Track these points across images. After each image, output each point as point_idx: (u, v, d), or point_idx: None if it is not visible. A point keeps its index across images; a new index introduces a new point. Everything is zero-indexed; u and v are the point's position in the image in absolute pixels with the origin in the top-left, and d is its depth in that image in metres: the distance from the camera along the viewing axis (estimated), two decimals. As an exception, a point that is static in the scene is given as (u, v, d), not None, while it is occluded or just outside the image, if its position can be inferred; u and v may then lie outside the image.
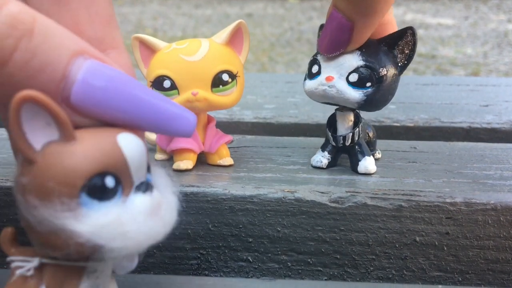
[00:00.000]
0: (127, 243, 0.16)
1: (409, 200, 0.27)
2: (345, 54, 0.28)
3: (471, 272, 0.27)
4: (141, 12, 3.66)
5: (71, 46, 0.16)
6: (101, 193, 0.16)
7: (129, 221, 0.16)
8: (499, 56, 2.25)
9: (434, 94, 0.52)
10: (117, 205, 0.16)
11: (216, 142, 0.31)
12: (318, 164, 0.31)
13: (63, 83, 0.16)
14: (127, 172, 0.17)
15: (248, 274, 0.28)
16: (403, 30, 0.28)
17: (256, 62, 2.11)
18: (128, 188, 0.17)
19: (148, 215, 0.17)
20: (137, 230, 0.16)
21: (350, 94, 0.27)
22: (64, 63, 0.16)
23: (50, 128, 0.16)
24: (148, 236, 0.17)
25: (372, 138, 0.32)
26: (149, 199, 0.17)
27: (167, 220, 0.18)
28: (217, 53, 0.29)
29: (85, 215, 0.15)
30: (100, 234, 0.16)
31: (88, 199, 0.16)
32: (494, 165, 0.32)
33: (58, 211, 0.15)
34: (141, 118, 0.17)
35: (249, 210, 0.27)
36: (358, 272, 0.28)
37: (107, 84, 0.16)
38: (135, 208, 0.17)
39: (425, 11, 3.59)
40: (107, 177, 0.16)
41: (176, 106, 0.18)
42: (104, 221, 0.16)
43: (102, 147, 0.16)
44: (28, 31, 0.15)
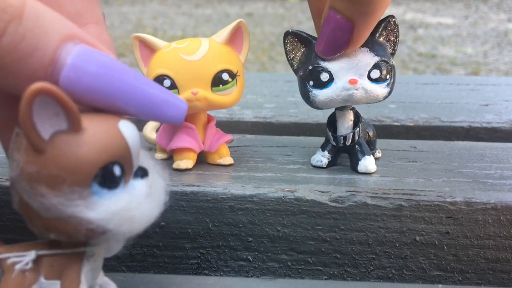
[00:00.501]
0: (133, 226, 0.17)
1: (409, 200, 0.27)
2: (355, 53, 0.28)
3: (471, 272, 0.27)
4: (141, 11, 3.66)
5: (61, 31, 0.16)
6: (110, 182, 0.16)
7: (134, 206, 0.17)
8: (499, 55, 2.25)
9: (434, 93, 0.52)
10: (124, 192, 0.17)
11: (216, 142, 0.31)
12: (318, 164, 0.31)
13: (52, 67, 0.16)
14: (130, 159, 0.17)
15: (248, 273, 0.28)
16: (386, 19, 0.28)
17: (256, 62, 2.11)
18: (129, 175, 0.17)
19: (147, 198, 0.18)
20: (141, 214, 0.17)
21: (378, 91, 0.28)
22: (53, 48, 0.16)
23: (58, 119, 0.16)
24: (148, 219, 0.18)
25: (372, 138, 0.32)
26: (146, 183, 0.18)
27: (160, 201, 0.19)
28: (217, 53, 0.29)
29: (96, 203, 0.16)
30: (111, 220, 0.16)
31: (98, 188, 0.16)
32: (494, 164, 0.32)
33: (69, 200, 0.16)
34: (131, 104, 0.17)
35: (249, 210, 0.27)
36: (358, 271, 0.28)
37: (96, 69, 0.16)
38: (138, 193, 0.17)
39: (425, 10, 3.59)
40: (115, 166, 0.16)
41: (167, 93, 0.18)
42: (116, 208, 0.16)
43: (110, 137, 0.16)
44: (17, 15, 0.15)
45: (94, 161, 0.16)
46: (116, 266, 0.29)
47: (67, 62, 0.16)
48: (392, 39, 0.29)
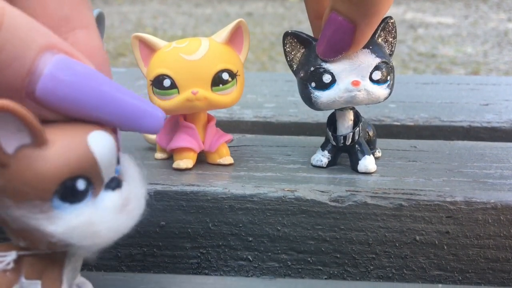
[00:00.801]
0: (98, 240, 0.17)
1: (409, 199, 0.27)
2: (357, 55, 0.28)
3: (471, 271, 0.27)
4: (141, 11, 3.66)
5: (39, 41, 0.16)
6: (72, 196, 0.16)
7: (99, 220, 0.17)
8: (499, 55, 2.25)
9: (434, 93, 0.52)
10: (88, 206, 0.17)
11: (216, 141, 0.31)
12: (318, 163, 0.31)
13: (29, 77, 0.16)
14: (98, 172, 0.17)
15: (248, 273, 0.28)
16: (384, 20, 0.28)
17: (256, 61, 2.11)
18: (98, 187, 0.17)
19: (117, 212, 0.17)
20: (107, 228, 0.17)
21: (379, 92, 0.28)
22: (31, 58, 0.16)
23: (22, 134, 0.16)
24: (117, 232, 0.17)
25: (372, 137, 0.32)
26: (118, 195, 0.18)
27: (135, 212, 0.18)
28: (217, 52, 0.29)
29: (57, 217, 0.16)
30: (72, 235, 0.16)
31: (60, 202, 0.16)
32: (494, 164, 0.31)
33: (31, 213, 0.16)
34: (108, 114, 0.17)
35: (249, 209, 0.27)
36: (358, 271, 0.28)
37: (72, 79, 0.16)
38: (105, 207, 0.17)
39: (425, 10, 3.59)
40: (79, 180, 0.16)
41: (144, 103, 0.18)
42: (75, 222, 0.16)
43: (74, 151, 0.16)
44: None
45: (54, 176, 0.16)
46: (116, 266, 0.29)
47: (44, 72, 0.16)
48: (390, 40, 0.29)
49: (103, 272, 0.27)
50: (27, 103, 0.16)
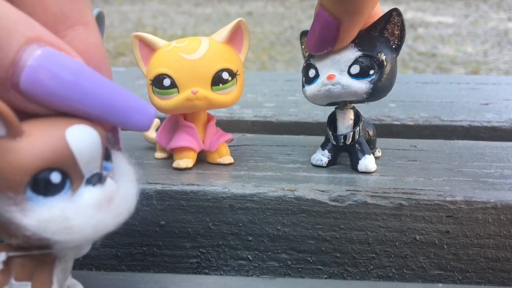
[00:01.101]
0: (73, 236, 0.16)
1: (409, 199, 0.27)
2: (340, 50, 0.28)
3: (471, 271, 0.27)
4: (141, 10, 3.66)
5: (25, 32, 0.16)
6: (46, 189, 0.16)
7: (74, 215, 0.16)
8: (499, 54, 2.25)
9: (434, 92, 0.52)
10: (63, 200, 0.16)
11: (216, 141, 0.31)
12: (318, 163, 0.31)
13: (12, 68, 0.16)
14: (75, 166, 0.17)
15: (248, 272, 0.28)
16: (388, 14, 0.28)
17: (256, 61, 2.11)
18: (77, 182, 0.17)
19: (97, 208, 0.17)
20: (83, 224, 0.16)
21: (356, 86, 0.27)
22: (15, 49, 0.15)
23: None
24: (96, 229, 0.17)
25: (372, 137, 0.32)
26: (99, 191, 0.17)
27: (120, 210, 0.18)
28: (217, 52, 0.29)
29: (30, 210, 0.16)
30: (45, 228, 0.16)
31: (33, 195, 0.16)
32: (494, 163, 0.31)
33: (5, 205, 0.16)
34: (95, 109, 0.17)
35: (249, 209, 0.27)
36: (358, 270, 0.28)
37: (57, 71, 0.16)
38: (83, 202, 0.17)
39: (425, 9, 3.58)
40: (53, 173, 0.16)
41: (133, 98, 0.18)
42: (48, 216, 0.16)
43: (48, 143, 0.16)
44: None
45: (27, 168, 0.16)
46: (116, 266, 0.29)
47: (28, 64, 0.16)
48: (397, 33, 0.28)
49: (103, 272, 0.27)
50: (12, 94, 0.16)
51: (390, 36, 0.28)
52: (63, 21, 0.18)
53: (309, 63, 0.29)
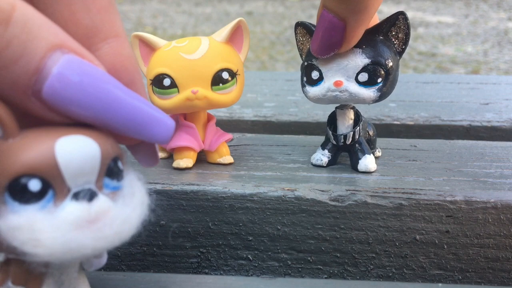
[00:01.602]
0: (39, 250, 0.15)
1: (409, 199, 0.27)
2: (346, 54, 0.27)
3: (471, 271, 0.27)
4: (141, 10, 3.66)
5: (49, 38, 0.15)
6: (22, 196, 0.15)
7: (44, 228, 0.15)
8: (499, 54, 2.25)
9: (434, 92, 0.52)
10: (37, 210, 0.16)
11: (216, 141, 0.31)
12: (318, 163, 0.31)
13: (36, 76, 0.15)
14: (60, 178, 0.16)
15: (248, 272, 0.28)
16: (394, 17, 0.27)
17: (256, 60, 2.11)
18: (62, 195, 0.16)
19: (74, 225, 0.16)
20: (52, 239, 0.15)
21: (365, 94, 0.27)
22: (39, 56, 0.15)
23: None
24: (66, 247, 0.16)
25: (372, 136, 0.32)
26: (81, 209, 0.16)
27: (103, 234, 0.16)
28: (217, 51, 0.29)
29: (3, 214, 0.15)
30: (13, 236, 0.15)
31: (10, 199, 0.15)
32: (494, 163, 0.31)
33: None
34: (117, 120, 0.16)
35: (249, 209, 0.27)
36: (358, 270, 0.28)
37: (82, 80, 0.16)
38: (59, 217, 0.16)
39: (425, 9, 3.58)
40: (32, 180, 0.15)
41: (155, 110, 0.17)
42: (16, 223, 0.15)
43: (34, 149, 0.15)
44: (4, 20, 0.15)
45: (7, 170, 0.15)
46: (116, 265, 0.29)
47: (52, 72, 0.15)
48: (401, 37, 0.27)
49: (103, 272, 0.27)
50: (33, 102, 0.16)
51: (395, 39, 0.28)
52: (96, 34, 0.17)
53: (312, 63, 0.28)
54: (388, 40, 0.28)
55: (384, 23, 0.27)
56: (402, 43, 0.28)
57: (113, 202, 0.17)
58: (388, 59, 0.27)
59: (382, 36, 0.27)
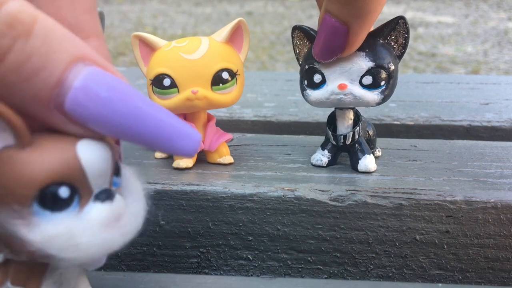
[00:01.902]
0: (79, 254, 0.16)
1: (409, 199, 0.27)
2: (349, 57, 0.27)
3: (471, 271, 0.27)
4: (141, 10, 3.66)
5: (71, 51, 0.15)
6: (53, 204, 0.15)
7: (81, 232, 0.16)
8: (499, 54, 2.25)
9: (434, 92, 0.52)
10: (70, 216, 0.16)
11: (216, 141, 0.31)
12: (318, 163, 0.31)
13: (58, 89, 0.15)
14: (85, 181, 0.16)
15: (248, 272, 0.28)
16: (394, 21, 0.27)
17: (256, 60, 2.11)
18: (86, 197, 0.16)
19: (104, 226, 0.16)
20: (89, 242, 0.16)
21: (369, 97, 0.27)
22: (61, 68, 0.15)
23: (5, 134, 0.15)
24: (102, 247, 0.16)
25: (372, 136, 0.32)
26: (108, 209, 0.16)
27: (127, 229, 0.17)
28: (217, 51, 0.29)
29: (36, 225, 0.15)
30: (50, 245, 0.15)
31: (40, 209, 0.15)
32: (495, 163, 0.31)
33: (10, 217, 0.15)
34: (143, 135, 0.16)
35: (249, 209, 0.27)
36: (358, 270, 0.28)
37: (106, 94, 0.15)
38: (91, 219, 0.16)
39: (425, 9, 3.58)
40: (62, 187, 0.15)
41: (181, 124, 0.17)
42: (54, 232, 0.15)
43: (58, 156, 0.15)
44: (25, 32, 0.14)
45: (34, 181, 0.15)
46: (116, 265, 0.29)
47: (74, 85, 0.15)
48: (401, 41, 0.28)
49: (103, 272, 0.27)
50: (55, 115, 0.15)
51: (394, 43, 0.28)
52: (79, 32, 0.17)
53: (313, 67, 0.28)
54: (388, 44, 0.28)
55: (384, 27, 0.28)
56: (401, 47, 0.28)
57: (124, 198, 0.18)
58: (390, 62, 0.27)
59: (382, 40, 0.28)
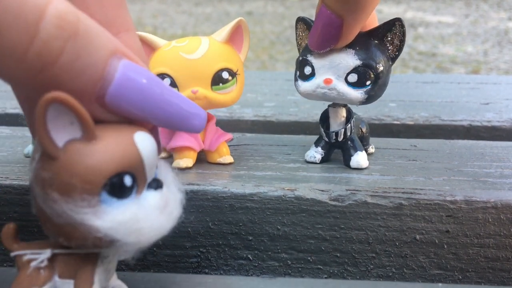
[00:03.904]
0: (141, 238, 0.17)
1: (409, 198, 0.27)
2: (339, 53, 0.28)
3: (471, 270, 0.27)
4: (141, 10, 3.66)
5: (108, 46, 0.16)
6: (120, 192, 0.17)
7: (144, 218, 0.17)
8: (499, 54, 2.25)
9: (434, 92, 0.52)
10: (134, 203, 0.17)
11: (216, 140, 0.31)
12: (312, 159, 0.31)
13: (101, 82, 0.16)
14: (143, 170, 0.17)
15: (248, 272, 0.28)
16: (391, 22, 0.28)
17: (256, 60, 2.11)
18: (142, 186, 0.17)
19: (159, 211, 0.18)
20: (150, 226, 0.17)
21: (352, 94, 0.28)
22: (103, 64, 0.16)
23: (73, 127, 0.16)
24: (159, 231, 0.18)
25: (365, 133, 0.32)
26: (160, 196, 0.18)
27: (174, 215, 0.19)
28: (217, 51, 0.29)
29: (104, 212, 0.16)
30: (118, 230, 0.16)
31: (108, 197, 0.16)
32: (495, 163, 0.31)
33: (78, 207, 0.16)
34: (167, 116, 0.18)
35: (249, 208, 0.27)
36: (358, 270, 0.28)
37: (138, 82, 0.17)
38: (149, 205, 0.17)
39: (425, 9, 3.58)
40: (126, 176, 0.17)
41: (193, 106, 0.18)
42: (122, 218, 0.16)
43: (122, 148, 0.17)
44: (73, 32, 0.15)
45: (103, 171, 0.16)
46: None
47: (115, 78, 0.16)
48: (396, 43, 0.28)
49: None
50: (94, 106, 0.16)
51: (389, 45, 0.28)
52: (108, 28, 0.18)
53: (306, 59, 0.29)
54: (383, 45, 0.28)
55: (380, 27, 0.28)
56: (396, 49, 0.28)
57: None
58: (379, 63, 0.27)
59: (377, 40, 0.28)
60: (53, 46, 0.15)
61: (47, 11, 0.14)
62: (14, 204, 0.27)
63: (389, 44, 0.28)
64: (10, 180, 0.27)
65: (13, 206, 0.27)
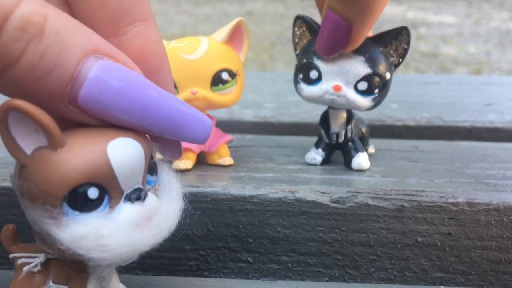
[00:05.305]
0: (107, 255, 0.16)
1: (411, 200, 0.26)
2: (348, 60, 0.27)
3: (474, 273, 0.27)
4: (142, 10, 3.66)
5: (82, 45, 0.15)
6: (82, 204, 0.16)
7: (109, 233, 0.16)
8: (501, 54, 2.24)
9: (436, 93, 0.51)
10: (99, 217, 0.16)
11: (216, 142, 0.31)
12: (312, 161, 0.31)
13: (71, 83, 0.15)
14: (115, 182, 0.16)
15: (248, 275, 0.28)
16: (398, 30, 0.27)
17: (256, 61, 2.11)
18: (116, 198, 0.16)
19: (134, 226, 0.16)
20: (117, 243, 0.16)
21: (360, 102, 0.28)
22: (74, 63, 0.15)
23: (39, 134, 0.15)
24: (131, 248, 0.16)
25: (365, 134, 0.32)
26: (138, 209, 0.16)
27: (159, 229, 0.17)
28: (217, 52, 0.28)
29: (65, 224, 0.15)
30: (80, 245, 0.15)
31: (69, 209, 0.15)
32: (497, 164, 0.31)
33: (43, 217, 0.15)
34: (155, 122, 0.16)
35: (249, 210, 0.27)
36: (360, 273, 0.28)
37: (118, 86, 0.16)
38: (120, 220, 0.16)
39: (427, 9, 3.58)
40: (91, 188, 0.16)
41: (193, 109, 0.17)
42: (82, 232, 0.15)
43: (88, 158, 0.15)
44: (38, 33, 0.14)
45: (64, 181, 0.15)
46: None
47: (87, 78, 0.15)
48: (400, 51, 0.28)
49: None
50: (70, 109, 0.16)
51: (394, 52, 0.28)
52: (123, 18, 0.17)
53: (311, 62, 0.28)
54: (388, 52, 0.28)
55: (387, 34, 0.28)
56: (400, 57, 0.28)
57: (158, 197, 0.18)
58: (387, 71, 0.28)
59: (382, 47, 0.28)
60: (12, 48, 0.14)
61: (13, 14, 0.14)
62: (12, 206, 0.27)
63: (393, 52, 0.28)
64: (7, 182, 0.27)
65: (10, 208, 0.27)
